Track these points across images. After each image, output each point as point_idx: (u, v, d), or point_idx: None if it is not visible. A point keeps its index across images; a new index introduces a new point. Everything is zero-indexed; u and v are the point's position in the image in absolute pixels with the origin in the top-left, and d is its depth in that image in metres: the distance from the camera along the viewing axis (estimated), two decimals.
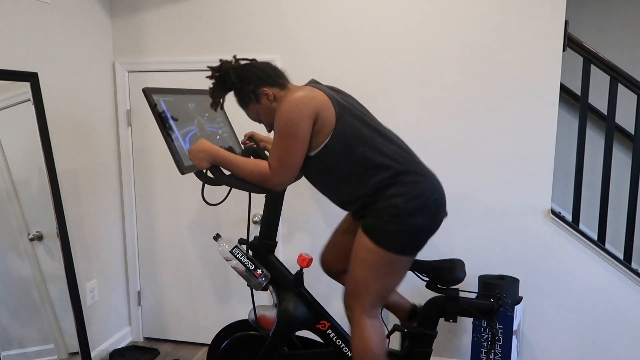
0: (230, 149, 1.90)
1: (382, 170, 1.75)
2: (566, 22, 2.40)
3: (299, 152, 1.73)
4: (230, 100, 2.80)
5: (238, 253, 1.99)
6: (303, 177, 1.95)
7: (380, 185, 1.75)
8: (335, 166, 1.78)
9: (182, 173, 1.81)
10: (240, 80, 1.81)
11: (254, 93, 1.82)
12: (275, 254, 2.10)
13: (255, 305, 2.12)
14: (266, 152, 2.21)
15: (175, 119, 1.88)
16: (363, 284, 1.80)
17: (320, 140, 1.75)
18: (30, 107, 2.26)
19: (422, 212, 1.74)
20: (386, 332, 1.91)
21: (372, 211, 1.78)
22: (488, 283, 2.41)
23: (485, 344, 2.42)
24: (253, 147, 2.16)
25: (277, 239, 2.11)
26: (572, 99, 3.21)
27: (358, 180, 1.77)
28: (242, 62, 1.86)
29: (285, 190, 2.05)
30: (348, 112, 1.76)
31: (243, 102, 1.87)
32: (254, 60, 1.88)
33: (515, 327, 2.39)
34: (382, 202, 1.75)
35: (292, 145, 1.71)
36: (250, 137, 2.23)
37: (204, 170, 1.85)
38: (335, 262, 2.15)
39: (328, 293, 2.85)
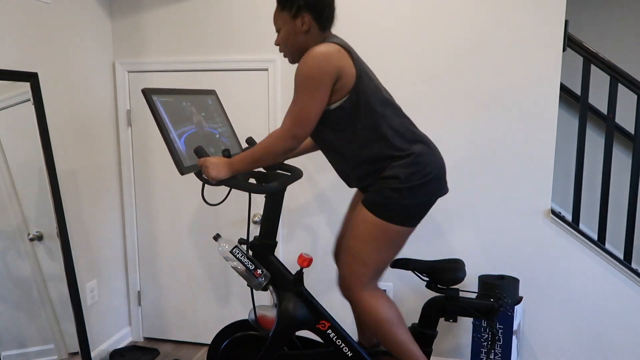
0: (226, 151, 1.91)
1: (388, 140, 1.75)
2: (566, 22, 2.40)
3: (315, 108, 1.69)
4: (229, 100, 2.80)
5: (238, 253, 1.99)
6: (303, 177, 1.94)
7: (385, 154, 1.76)
8: (345, 127, 1.77)
9: (182, 173, 1.81)
10: None
11: (298, 9, 1.73)
12: (275, 254, 2.10)
13: (255, 305, 2.12)
14: None
15: (173, 119, 1.88)
16: (360, 258, 1.80)
17: (336, 98, 1.73)
18: (30, 107, 2.26)
19: (423, 187, 1.75)
20: (389, 298, 1.90)
21: (374, 183, 1.79)
22: (488, 283, 2.41)
23: (485, 344, 2.42)
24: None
25: (277, 239, 2.11)
26: (572, 99, 3.21)
27: (363, 146, 1.77)
28: None
29: (285, 190, 2.05)
30: (367, 76, 1.74)
31: (283, 5, 1.77)
32: None
33: (515, 327, 2.39)
34: (385, 172, 1.76)
35: (310, 100, 1.67)
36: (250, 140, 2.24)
37: None
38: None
39: (328, 293, 2.85)
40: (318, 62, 1.65)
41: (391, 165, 1.76)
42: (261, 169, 2.32)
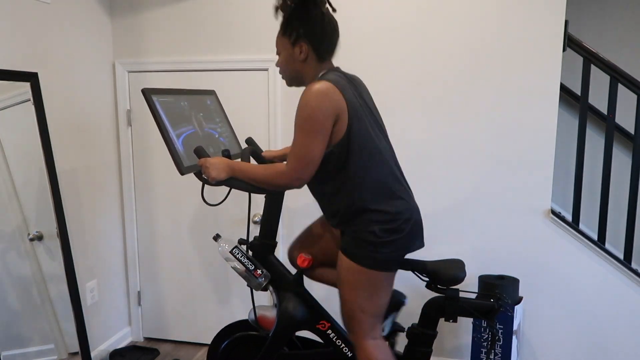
0: (226, 152, 1.90)
1: (368, 193, 1.74)
2: (566, 22, 2.40)
3: (319, 149, 1.67)
4: (229, 100, 2.80)
5: (238, 253, 1.99)
6: None
7: (360, 207, 1.74)
8: (329, 175, 1.76)
9: (182, 174, 1.81)
10: (306, 16, 1.71)
11: (297, 37, 1.73)
12: (276, 254, 2.10)
13: (255, 305, 2.12)
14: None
15: (172, 120, 1.88)
16: (357, 305, 1.79)
17: (329, 142, 1.72)
18: (30, 107, 2.26)
19: (395, 243, 1.75)
20: (391, 353, 1.90)
21: (349, 231, 1.78)
22: (488, 283, 2.41)
23: (485, 344, 2.42)
24: (252, 148, 2.17)
25: (277, 239, 2.11)
26: (572, 99, 3.21)
27: (343, 195, 1.76)
28: (327, 7, 1.76)
29: (284, 190, 2.05)
30: (357, 124, 1.71)
31: (284, 31, 1.77)
32: (329, 15, 1.76)
33: (515, 327, 2.39)
34: (360, 225, 1.75)
35: (313, 141, 1.65)
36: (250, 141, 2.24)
37: None
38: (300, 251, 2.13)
39: (328, 293, 2.85)
40: (319, 103, 1.63)
41: (367, 219, 1.73)
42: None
